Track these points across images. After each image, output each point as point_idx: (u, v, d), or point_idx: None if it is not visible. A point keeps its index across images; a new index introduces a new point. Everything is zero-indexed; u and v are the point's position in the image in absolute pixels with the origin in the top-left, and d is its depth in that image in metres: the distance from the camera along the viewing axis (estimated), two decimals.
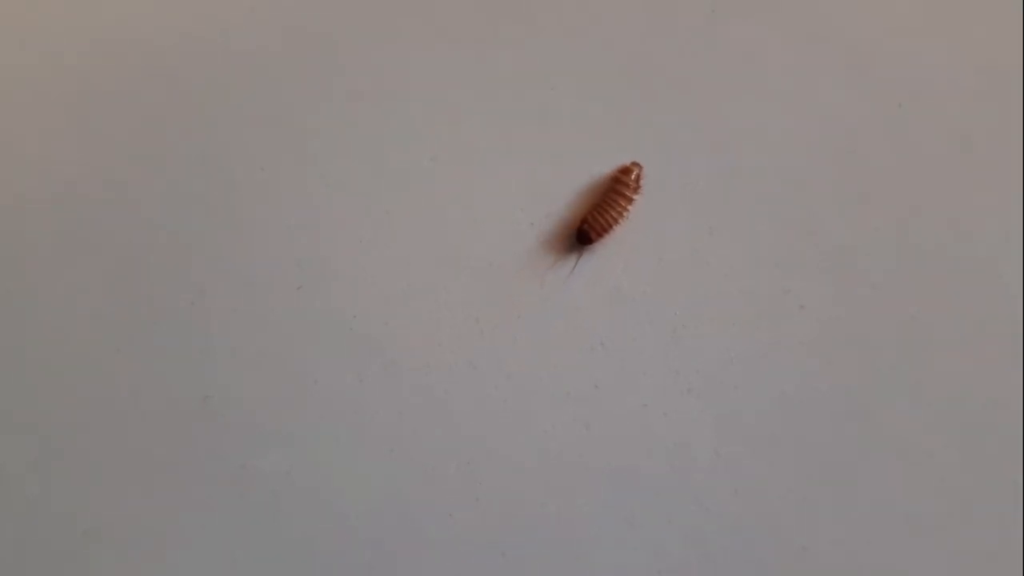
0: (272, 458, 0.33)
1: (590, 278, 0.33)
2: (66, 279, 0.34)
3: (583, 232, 0.33)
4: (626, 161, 0.33)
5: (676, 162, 0.33)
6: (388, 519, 0.33)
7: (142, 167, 0.34)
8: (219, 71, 0.34)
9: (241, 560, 0.33)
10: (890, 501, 0.32)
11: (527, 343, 0.33)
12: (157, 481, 0.33)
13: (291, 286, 0.33)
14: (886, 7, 0.34)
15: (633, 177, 0.33)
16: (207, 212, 0.34)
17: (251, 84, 0.34)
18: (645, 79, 0.34)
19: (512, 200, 0.34)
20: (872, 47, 0.34)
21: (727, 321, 0.33)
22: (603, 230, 0.33)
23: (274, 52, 0.34)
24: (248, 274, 0.34)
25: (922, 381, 0.32)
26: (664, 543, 0.33)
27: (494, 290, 0.33)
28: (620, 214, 0.33)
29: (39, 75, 0.34)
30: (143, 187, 0.34)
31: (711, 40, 0.34)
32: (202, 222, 0.34)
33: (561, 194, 0.34)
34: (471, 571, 0.33)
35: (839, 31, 0.34)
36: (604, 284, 0.33)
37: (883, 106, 0.33)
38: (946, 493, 0.32)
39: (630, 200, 0.33)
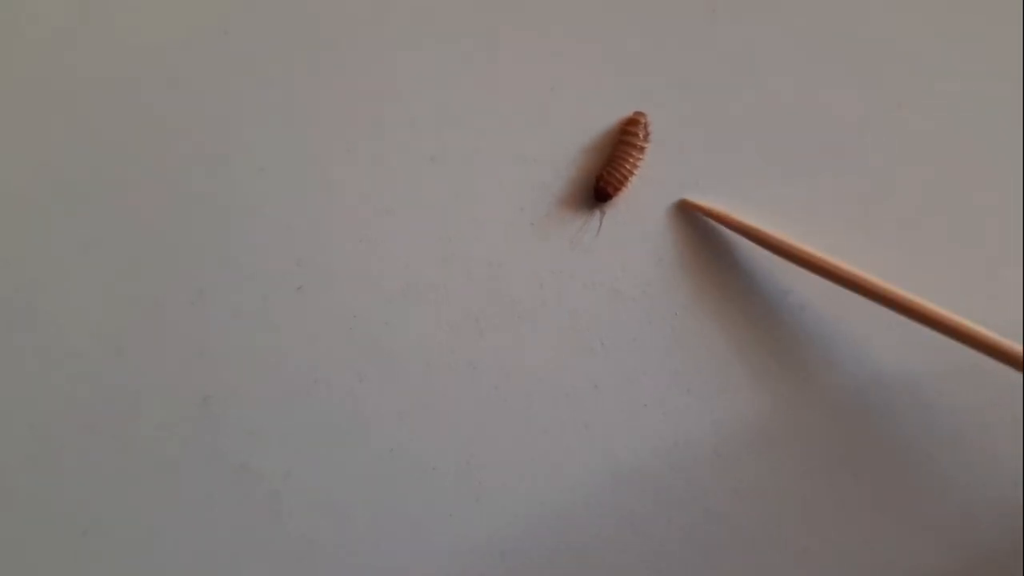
0: (272, 458, 0.33)
1: (590, 278, 0.33)
2: (66, 279, 0.34)
3: (600, 189, 0.32)
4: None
5: (676, 161, 0.33)
6: (388, 519, 0.33)
7: (142, 167, 0.34)
8: (219, 71, 0.34)
9: (241, 560, 0.33)
10: (890, 501, 0.32)
11: (527, 343, 0.33)
12: (157, 481, 0.33)
13: (291, 286, 0.33)
14: (886, 7, 0.34)
15: (641, 126, 0.32)
16: (207, 212, 0.34)
17: (251, 84, 0.34)
18: (645, 80, 0.34)
19: (512, 200, 0.34)
20: (872, 47, 0.34)
21: (727, 321, 0.33)
22: (620, 184, 0.32)
23: (274, 52, 0.34)
24: (248, 274, 0.34)
25: (921, 381, 0.32)
26: (664, 543, 0.33)
27: (494, 290, 0.33)
28: (634, 165, 0.32)
29: (39, 75, 0.34)
30: (143, 187, 0.34)
31: (711, 40, 0.34)
32: (202, 222, 0.34)
33: (562, 195, 0.34)
34: (471, 571, 0.33)
35: (840, 31, 0.34)
36: (604, 284, 0.33)
37: (883, 106, 0.33)
38: (946, 493, 0.32)
39: (642, 150, 0.32)
